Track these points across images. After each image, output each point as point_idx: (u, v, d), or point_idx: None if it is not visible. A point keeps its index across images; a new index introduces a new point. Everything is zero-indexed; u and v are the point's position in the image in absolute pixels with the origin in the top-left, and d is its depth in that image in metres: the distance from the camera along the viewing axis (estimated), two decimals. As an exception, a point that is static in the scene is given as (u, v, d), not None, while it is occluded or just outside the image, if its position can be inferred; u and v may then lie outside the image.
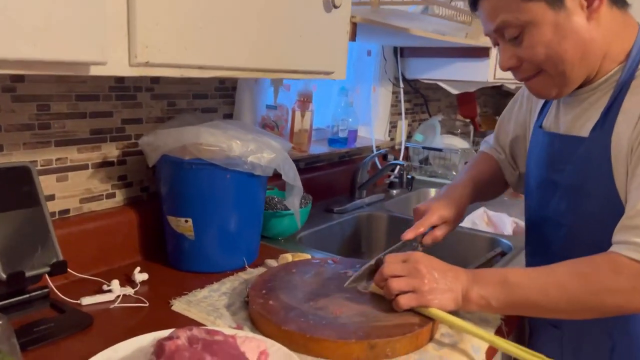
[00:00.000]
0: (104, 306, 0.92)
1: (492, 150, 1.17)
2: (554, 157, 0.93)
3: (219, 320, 0.87)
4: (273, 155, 1.03)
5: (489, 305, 0.82)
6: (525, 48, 0.83)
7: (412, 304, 0.83)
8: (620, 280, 0.75)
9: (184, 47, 0.75)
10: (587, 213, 0.87)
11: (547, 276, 0.80)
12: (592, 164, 0.85)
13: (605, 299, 0.76)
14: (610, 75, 0.84)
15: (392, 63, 1.98)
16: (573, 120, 0.90)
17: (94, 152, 1.07)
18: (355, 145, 1.79)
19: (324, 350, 0.78)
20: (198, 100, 1.26)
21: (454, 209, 1.03)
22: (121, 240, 1.10)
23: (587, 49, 0.81)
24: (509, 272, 0.84)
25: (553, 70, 0.83)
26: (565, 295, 0.78)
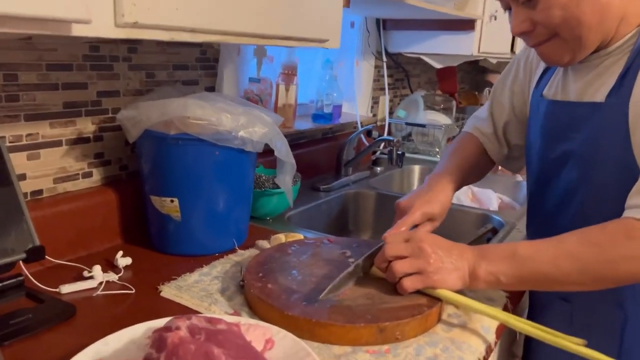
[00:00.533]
0: (86, 294, 0.85)
1: (479, 128, 1.13)
2: (563, 126, 0.89)
3: (214, 307, 0.81)
4: (265, 129, 0.97)
5: (498, 282, 0.78)
6: (540, 10, 0.78)
7: (417, 286, 0.79)
8: (635, 246, 0.72)
9: (175, 7, 0.67)
10: (601, 183, 0.84)
11: (557, 247, 0.77)
12: (608, 131, 0.81)
13: (620, 267, 0.73)
14: (627, 39, 0.81)
15: (375, 36, 1.92)
16: (585, 86, 0.86)
17: (68, 127, 0.98)
18: (339, 121, 1.73)
19: (331, 336, 0.73)
20: (178, 71, 1.17)
21: (437, 204, 0.97)
22: (100, 223, 1.02)
23: (605, 11, 0.77)
24: (517, 245, 0.80)
25: (568, 35, 0.79)
26: (577, 266, 0.75)
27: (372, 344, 0.73)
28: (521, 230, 1.27)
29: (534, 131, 0.97)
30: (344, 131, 1.85)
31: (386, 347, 0.73)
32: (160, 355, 0.55)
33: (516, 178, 1.84)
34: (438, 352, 0.73)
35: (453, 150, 1.12)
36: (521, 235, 1.24)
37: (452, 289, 0.80)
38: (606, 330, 0.90)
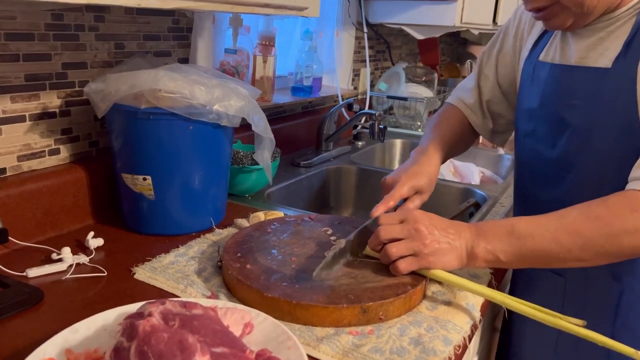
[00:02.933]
0: (54, 277, 0.81)
1: (460, 102, 1.09)
2: (565, 92, 0.86)
3: (190, 289, 0.78)
4: (242, 103, 0.92)
5: (498, 260, 0.76)
6: None
7: (412, 267, 0.77)
8: (637, 218, 0.70)
9: (139, -32, 0.62)
10: (601, 153, 0.81)
11: (559, 222, 0.74)
12: (613, 98, 0.79)
13: (623, 241, 0.71)
14: (635, 2, 0.77)
15: (356, 5, 1.86)
16: (586, 49, 0.83)
17: (32, 101, 0.92)
18: (320, 95, 1.68)
19: (313, 317, 0.71)
20: (150, 42, 1.11)
21: (425, 177, 0.94)
22: (70, 202, 0.97)
23: None
24: (515, 221, 0.77)
25: (570, 2, 0.76)
26: (580, 241, 0.72)
27: (355, 325, 0.71)
28: (504, 205, 1.26)
29: (530, 98, 0.93)
30: (324, 105, 1.81)
31: (370, 327, 0.71)
32: (131, 344, 0.52)
33: (498, 151, 1.82)
34: (422, 332, 0.71)
35: (437, 122, 1.08)
36: (504, 210, 1.23)
37: (448, 269, 0.77)
38: (601, 304, 0.89)
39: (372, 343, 0.68)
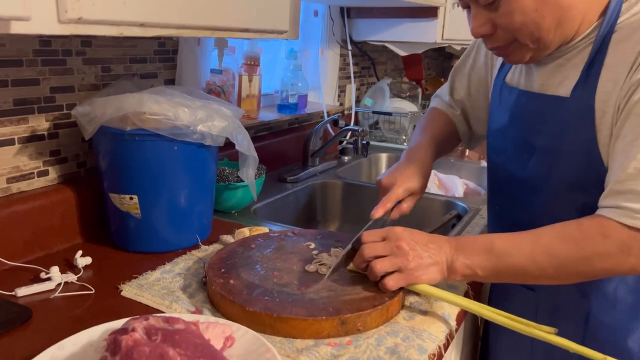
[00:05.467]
0: (43, 296, 0.83)
1: (445, 106, 1.13)
2: (529, 117, 0.89)
3: (175, 305, 0.81)
4: (225, 123, 0.96)
5: (475, 274, 0.79)
6: (502, 14, 0.77)
7: (401, 284, 0.80)
8: (609, 244, 0.73)
9: (122, 1, 0.65)
10: (566, 175, 0.84)
11: (535, 242, 0.77)
12: (574, 125, 0.81)
13: (595, 264, 0.75)
14: (588, 32, 0.80)
15: (340, 24, 1.90)
16: (547, 76, 0.86)
17: (20, 125, 0.95)
18: (305, 112, 1.72)
19: (293, 330, 0.73)
20: (136, 64, 1.15)
21: (419, 178, 0.98)
22: (58, 222, 0.99)
23: (565, 15, 0.77)
24: (494, 238, 0.80)
25: (527, 39, 0.79)
26: (555, 262, 0.76)
27: (334, 336, 0.74)
28: (483, 216, 1.29)
29: (500, 119, 0.97)
30: (311, 121, 1.84)
31: (348, 338, 0.74)
32: (114, 358, 0.54)
33: (481, 164, 1.87)
34: (398, 342, 0.74)
35: (425, 124, 1.12)
36: (484, 221, 1.26)
37: (431, 283, 0.80)
38: (570, 319, 0.92)
39: (350, 353, 0.70)
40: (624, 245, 0.73)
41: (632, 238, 0.72)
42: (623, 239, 0.72)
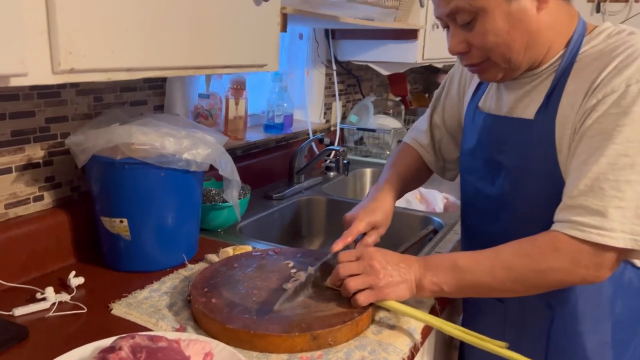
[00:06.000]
0: (39, 316, 0.89)
1: (414, 141, 1.20)
2: (497, 139, 0.96)
3: (161, 322, 0.87)
4: (208, 150, 1.03)
5: (442, 291, 0.86)
6: (476, 35, 0.85)
7: (370, 300, 0.86)
8: (561, 257, 0.80)
9: (110, 50, 0.72)
10: (531, 193, 0.91)
11: (494, 258, 0.84)
12: (537, 146, 0.89)
13: (548, 276, 0.82)
14: (553, 61, 0.88)
15: (324, 46, 1.98)
16: (515, 101, 0.93)
17: (17, 154, 1.02)
18: (292, 130, 1.79)
19: (269, 345, 0.80)
20: (126, 93, 1.22)
21: (380, 213, 1.05)
22: (53, 244, 1.06)
23: (534, 38, 0.85)
24: (458, 257, 0.88)
25: (499, 58, 0.87)
26: (512, 276, 0.83)
27: (307, 351, 0.81)
28: (457, 232, 1.36)
29: (470, 141, 1.04)
30: (297, 138, 1.91)
31: (319, 352, 0.80)
32: (103, 375, 0.61)
33: (461, 179, 1.94)
34: (365, 355, 0.81)
35: (393, 161, 1.20)
36: (457, 237, 1.33)
37: (400, 299, 0.87)
38: (536, 328, 0.99)
39: (320, 366, 0.77)
40: (574, 257, 0.80)
41: (581, 250, 0.79)
42: (573, 252, 0.79)
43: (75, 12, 0.66)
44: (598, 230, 0.77)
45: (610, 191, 0.77)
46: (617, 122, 0.78)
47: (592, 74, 0.83)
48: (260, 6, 1.00)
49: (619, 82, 0.79)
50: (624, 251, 0.79)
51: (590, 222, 0.78)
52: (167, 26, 0.81)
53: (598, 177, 0.78)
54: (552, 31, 0.86)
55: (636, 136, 0.77)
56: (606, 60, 0.82)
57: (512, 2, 0.82)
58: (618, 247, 0.78)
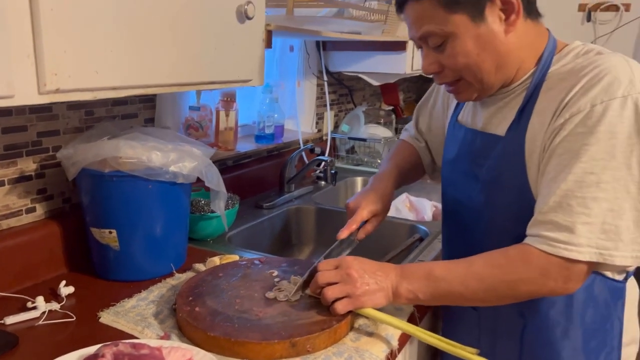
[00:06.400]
0: (29, 324, 0.92)
1: (412, 138, 1.25)
2: (474, 153, 1.00)
3: (147, 330, 0.90)
4: (195, 163, 1.06)
5: (417, 298, 0.90)
6: (447, 56, 0.88)
7: (348, 308, 0.90)
8: (531, 270, 0.83)
9: (94, 71, 0.76)
10: (503, 205, 0.95)
11: (467, 269, 0.88)
12: (508, 161, 0.92)
13: (519, 287, 0.85)
14: (524, 80, 0.92)
15: (315, 57, 2.02)
16: (489, 117, 0.97)
17: (10, 167, 1.05)
18: (282, 140, 1.83)
19: (249, 352, 0.83)
20: (117, 107, 1.25)
21: (381, 201, 1.10)
22: (45, 254, 1.09)
23: (503, 59, 0.88)
24: (433, 266, 0.91)
25: (472, 78, 0.90)
26: (483, 286, 0.86)
27: (286, 357, 0.84)
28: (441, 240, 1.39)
29: (451, 153, 1.08)
30: (289, 148, 1.95)
31: (297, 359, 0.83)
32: (85, 381, 0.64)
33: (450, 187, 1.97)
34: (342, 361, 0.84)
35: (392, 154, 1.25)
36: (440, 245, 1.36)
37: (377, 307, 0.90)
38: (509, 336, 1.02)
39: (298, 372, 0.80)
40: (543, 270, 0.83)
41: (550, 263, 0.82)
42: (542, 265, 0.83)
43: (61, 35, 0.70)
44: (566, 245, 0.81)
45: (577, 208, 0.80)
46: (584, 141, 0.81)
47: (561, 93, 0.86)
48: (245, 24, 1.04)
49: (585, 102, 0.82)
50: (592, 264, 0.83)
51: (558, 237, 0.81)
52: (151, 46, 0.84)
53: (566, 194, 0.81)
54: (521, 51, 0.90)
55: (601, 155, 0.80)
56: (573, 80, 0.85)
57: (481, 25, 0.85)
58: (585, 261, 0.81)
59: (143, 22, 0.82)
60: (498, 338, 1.04)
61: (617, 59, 0.84)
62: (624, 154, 0.80)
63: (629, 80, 0.81)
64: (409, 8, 0.89)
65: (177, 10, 0.88)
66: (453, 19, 0.85)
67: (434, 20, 0.86)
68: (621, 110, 0.80)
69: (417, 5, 0.87)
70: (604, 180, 0.80)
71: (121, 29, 0.79)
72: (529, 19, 0.90)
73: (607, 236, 0.80)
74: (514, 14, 0.86)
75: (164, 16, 0.86)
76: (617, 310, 0.97)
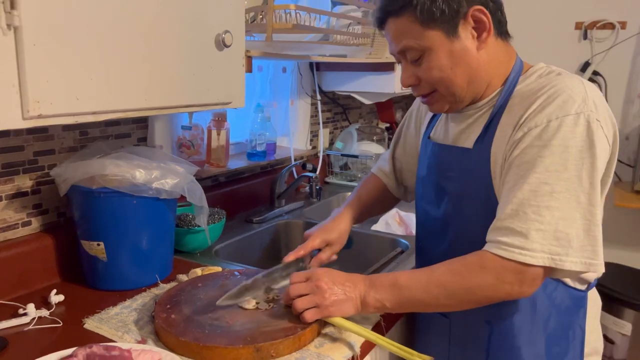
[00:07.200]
0: (19, 329, 1.00)
1: (379, 171, 1.32)
2: (443, 165, 1.06)
3: (126, 335, 0.97)
4: (177, 180, 1.14)
5: (385, 307, 0.95)
6: (424, 70, 0.95)
7: (316, 317, 0.95)
8: (487, 274, 0.88)
9: (75, 97, 0.84)
10: (470, 215, 1.01)
11: (429, 276, 0.93)
12: (475, 173, 0.98)
13: (476, 292, 0.90)
14: (491, 97, 0.99)
15: (308, 77, 2.10)
16: (459, 133, 1.04)
17: (7, 184, 1.14)
18: (274, 157, 1.90)
19: (216, 356, 0.89)
20: (111, 127, 1.34)
21: (335, 232, 1.18)
22: (39, 265, 1.17)
23: (474, 74, 0.95)
24: (398, 275, 0.97)
25: (445, 91, 0.97)
26: (444, 292, 0.91)
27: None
28: (419, 254, 1.45)
29: (422, 169, 1.15)
30: (283, 165, 2.02)
31: (261, 363, 0.90)
32: (56, 377, 0.71)
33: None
34: (303, 365, 0.89)
35: (358, 188, 1.32)
36: (418, 259, 1.42)
37: (345, 316, 0.96)
38: (477, 343, 1.07)
39: (259, 375, 0.86)
40: (498, 274, 0.88)
41: (505, 267, 0.87)
42: (497, 269, 0.88)
43: (43, 67, 0.79)
44: (520, 250, 0.86)
45: (532, 215, 0.86)
46: (539, 154, 0.87)
47: (521, 110, 0.92)
48: (223, 51, 1.12)
49: (542, 118, 0.88)
50: (545, 269, 0.88)
51: (513, 242, 0.86)
52: (130, 74, 0.93)
53: (522, 203, 0.87)
54: (491, 68, 0.97)
55: (555, 166, 0.86)
56: (533, 98, 0.92)
57: (454, 41, 0.93)
58: (538, 265, 0.86)
59: (122, 52, 0.91)
60: (467, 347, 1.09)
61: (573, 80, 0.91)
62: (575, 167, 0.86)
63: (582, 99, 0.87)
64: (389, 24, 0.97)
65: (156, 40, 0.97)
66: (429, 34, 0.92)
67: (412, 35, 0.93)
68: (574, 126, 0.86)
69: (396, 21, 0.95)
70: (557, 190, 0.86)
71: (101, 59, 0.87)
72: (500, 38, 0.97)
73: (558, 243, 0.85)
74: (485, 32, 0.93)
75: (142, 47, 0.94)
76: (578, 318, 1.02)
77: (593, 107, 0.87)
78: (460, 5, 0.91)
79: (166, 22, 0.98)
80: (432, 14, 0.91)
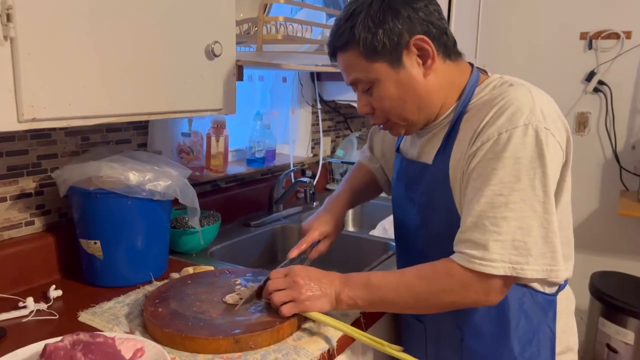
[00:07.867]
0: (17, 321, 1.07)
1: (367, 160, 1.36)
2: (409, 180, 1.11)
3: (116, 327, 1.03)
4: (169, 182, 1.20)
5: (357, 304, 0.99)
6: (375, 99, 0.99)
7: (292, 311, 1.00)
8: (453, 282, 0.92)
9: (68, 103, 0.91)
10: (436, 224, 1.04)
11: (400, 278, 0.97)
12: (437, 186, 1.02)
13: (442, 297, 0.94)
14: (447, 114, 1.01)
15: (309, 87, 2.16)
16: (422, 147, 1.07)
17: (11, 186, 1.21)
18: (274, 163, 1.96)
19: (197, 347, 0.94)
20: (112, 133, 1.41)
21: (332, 223, 1.21)
22: (40, 262, 1.24)
23: (424, 100, 0.98)
24: (371, 275, 1.01)
25: (397, 119, 1.01)
26: (413, 294, 0.95)
27: (230, 352, 0.95)
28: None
29: (394, 178, 1.19)
30: (282, 171, 2.08)
31: (239, 354, 0.94)
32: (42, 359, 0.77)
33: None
34: (279, 357, 0.94)
35: (347, 176, 1.36)
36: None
37: (321, 311, 1.01)
38: (450, 346, 1.10)
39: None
40: (464, 283, 0.91)
41: (469, 278, 0.91)
42: (462, 278, 0.91)
43: (37, 74, 0.86)
44: (481, 260, 0.89)
45: (490, 227, 0.89)
46: (493, 166, 0.90)
47: (475, 123, 0.95)
48: (214, 60, 1.18)
49: (493, 131, 0.91)
50: (508, 278, 0.90)
51: (475, 254, 0.89)
52: (121, 82, 0.99)
53: (480, 215, 0.90)
54: (442, 90, 0.99)
55: (508, 178, 0.89)
56: (486, 111, 0.94)
57: (400, 71, 0.95)
58: (500, 275, 0.89)
59: (113, 61, 0.98)
60: (441, 347, 1.13)
61: (521, 90, 0.93)
62: (528, 177, 0.88)
63: (530, 110, 0.90)
64: (338, 58, 1.01)
65: (146, 50, 1.03)
66: (374, 67, 0.95)
67: (359, 68, 0.97)
68: (523, 137, 0.89)
69: (344, 56, 0.99)
70: (512, 201, 0.88)
71: (92, 67, 0.94)
72: (449, 60, 1.00)
73: (518, 252, 0.88)
74: (430, 59, 0.96)
75: (133, 56, 1.01)
76: (547, 320, 1.04)
77: (541, 117, 0.89)
78: (401, 37, 0.93)
79: (157, 33, 1.05)
80: (374, 47, 0.94)
